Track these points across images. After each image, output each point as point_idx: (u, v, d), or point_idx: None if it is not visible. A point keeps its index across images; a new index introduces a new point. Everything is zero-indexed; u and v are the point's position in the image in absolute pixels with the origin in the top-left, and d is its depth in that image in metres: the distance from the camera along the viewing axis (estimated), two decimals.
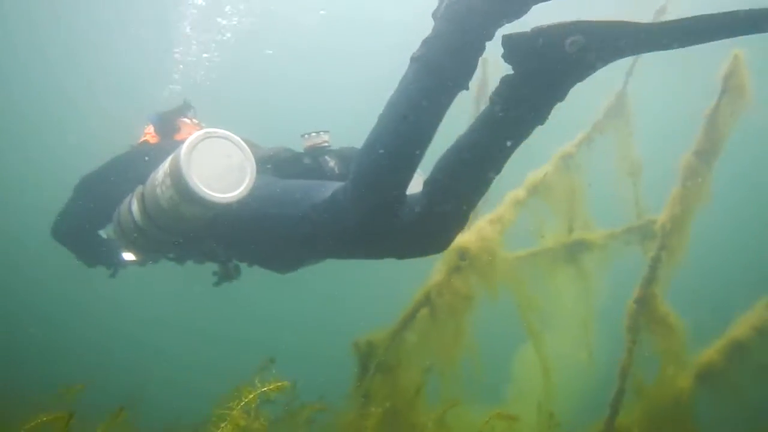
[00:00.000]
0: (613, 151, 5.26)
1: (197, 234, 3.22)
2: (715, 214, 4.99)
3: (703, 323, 4.87)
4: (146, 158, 3.45)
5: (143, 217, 3.24)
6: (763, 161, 17.68)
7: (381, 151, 2.64)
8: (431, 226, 2.76)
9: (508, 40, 2.41)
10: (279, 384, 1.92)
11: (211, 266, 3.66)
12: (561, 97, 2.47)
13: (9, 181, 21.27)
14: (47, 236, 3.82)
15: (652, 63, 5.07)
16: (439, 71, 2.51)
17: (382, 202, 2.69)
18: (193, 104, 4.01)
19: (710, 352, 4.54)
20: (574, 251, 5.04)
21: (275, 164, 3.33)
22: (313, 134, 3.33)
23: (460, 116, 2.81)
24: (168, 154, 3.06)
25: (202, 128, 3.57)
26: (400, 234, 2.78)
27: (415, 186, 2.95)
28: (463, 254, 4.62)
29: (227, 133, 3.00)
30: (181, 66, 9.42)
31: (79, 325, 17.15)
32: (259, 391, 1.92)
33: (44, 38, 17.98)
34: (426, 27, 2.53)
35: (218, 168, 2.94)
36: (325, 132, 3.39)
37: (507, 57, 2.44)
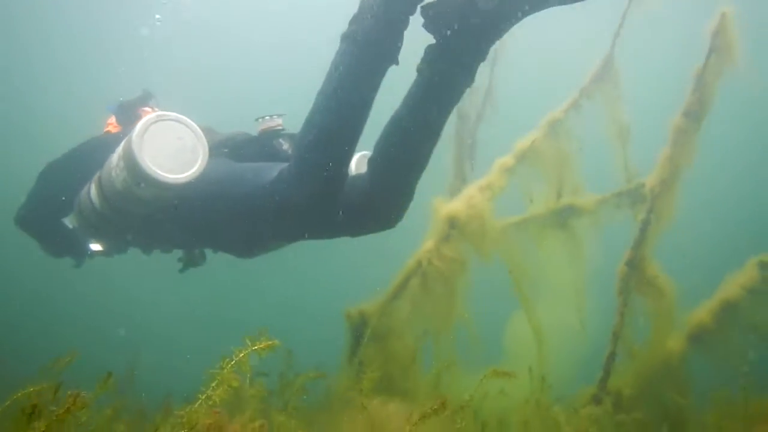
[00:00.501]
0: (602, 116, 5.23)
1: (154, 217, 3.27)
2: (707, 175, 5.00)
3: (695, 285, 4.88)
4: (107, 146, 3.45)
5: (101, 201, 3.29)
6: (758, 120, 17.68)
7: (318, 127, 2.76)
8: (379, 200, 2.93)
9: (425, 9, 2.59)
10: (270, 343, 1.89)
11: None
12: (483, 56, 2.65)
13: None
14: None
15: (639, 25, 5.04)
16: (367, 46, 2.64)
17: (323, 177, 2.79)
18: (154, 93, 4.04)
19: (701, 313, 4.56)
20: (564, 217, 5.03)
21: (231, 148, 3.40)
22: (267, 118, 3.41)
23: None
24: None
25: None
26: (350, 211, 2.93)
27: (362, 166, 3.13)
28: (453, 222, 4.60)
29: (179, 116, 3.07)
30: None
31: (66, 304, 16.98)
32: (250, 350, 1.88)
33: None
34: None
35: (170, 150, 3.00)
36: (279, 116, 3.46)
37: (427, 25, 2.62)
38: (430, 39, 2.65)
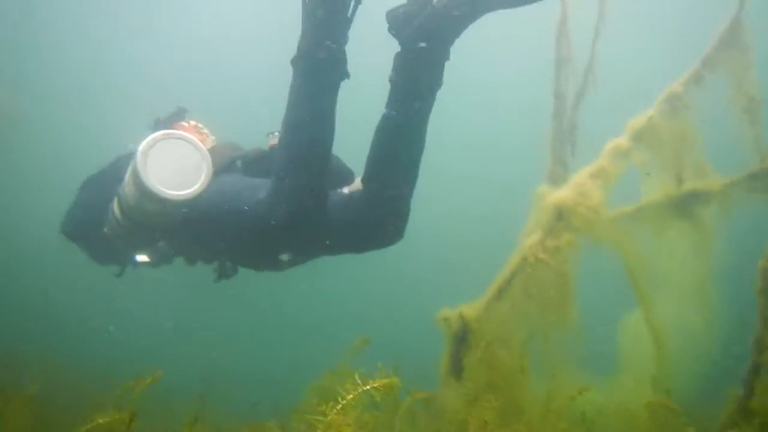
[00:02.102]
0: (728, 88, 4.58)
1: (170, 229, 3.44)
2: None
3: None
4: None
5: (120, 214, 3.46)
6: None
7: (286, 148, 3.03)
8: (373, 214, 3.09)
9: (389, 14, 2.88)
10: (387, 381, 1.47)
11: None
12: (446, 55, 2.85)
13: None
14: None
15: None
16: (312, 67, 2.89)
17: (296, 195, 3.00)
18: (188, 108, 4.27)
19: None
20: (687, 204, 4.41)
21: (243, 163, 3.55)
22: (277, 133, 3.44)
23: None
24: None
25: (198, 130, 4.02)
26: (348, 227, 3.14)
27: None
28: (561, 212, 4.09)
29: (184, 134, 3.26)
30: None
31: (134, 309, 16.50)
32: (361, 390, 1.47)
33: None
34: None
35: (175, 167, 3.18)
36: None
37: (391, 29, 2.89)
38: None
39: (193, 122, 4.16)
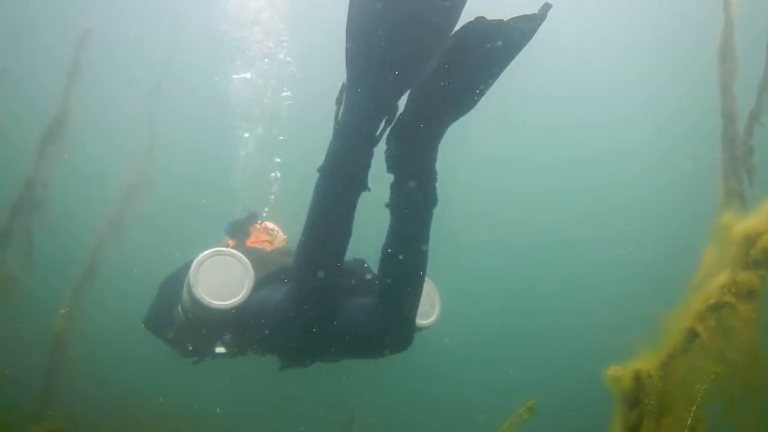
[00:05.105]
0: None
1: (225, 328, 3.88)
2: None
3: None
4: None
5: (183, 315, 3.96)
6: None
7: (299, 256, 3.29)
8: (393, 314, 3.32)
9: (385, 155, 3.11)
10: None
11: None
12: (431, 176, 3.07)
13: None
14: None
15: None
16: (333, 176, 3.04)
17: (305, 297, 3.29)
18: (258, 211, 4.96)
19: None
20: None
21: (285, 275, 3.77)
22: None
23: None
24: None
25: (267, 231, 4.78)
26: (360, 335, 3.43)
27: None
28: (755, 244, 3.33)
29: (232, 251, 3.79)
30: None
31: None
32: None
33: None
34: None
35: (221, 280, 3.65)
36: None
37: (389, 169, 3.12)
38: None
39: (264, 223, 4.85)
